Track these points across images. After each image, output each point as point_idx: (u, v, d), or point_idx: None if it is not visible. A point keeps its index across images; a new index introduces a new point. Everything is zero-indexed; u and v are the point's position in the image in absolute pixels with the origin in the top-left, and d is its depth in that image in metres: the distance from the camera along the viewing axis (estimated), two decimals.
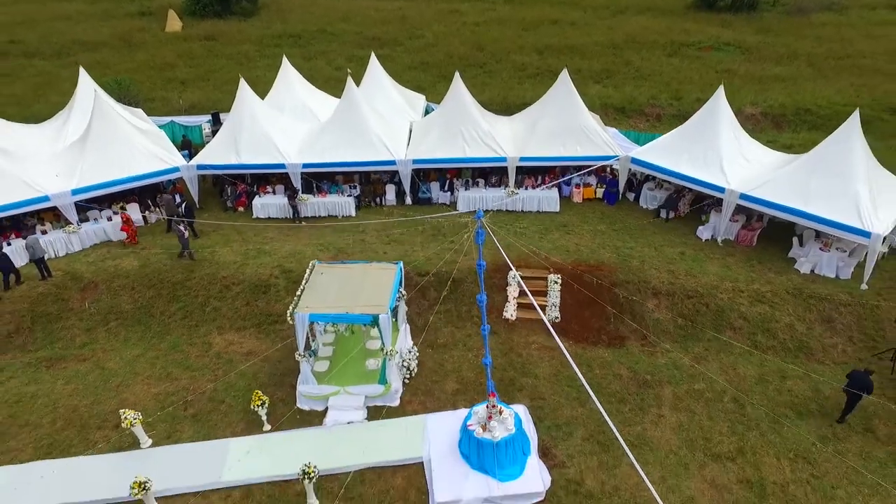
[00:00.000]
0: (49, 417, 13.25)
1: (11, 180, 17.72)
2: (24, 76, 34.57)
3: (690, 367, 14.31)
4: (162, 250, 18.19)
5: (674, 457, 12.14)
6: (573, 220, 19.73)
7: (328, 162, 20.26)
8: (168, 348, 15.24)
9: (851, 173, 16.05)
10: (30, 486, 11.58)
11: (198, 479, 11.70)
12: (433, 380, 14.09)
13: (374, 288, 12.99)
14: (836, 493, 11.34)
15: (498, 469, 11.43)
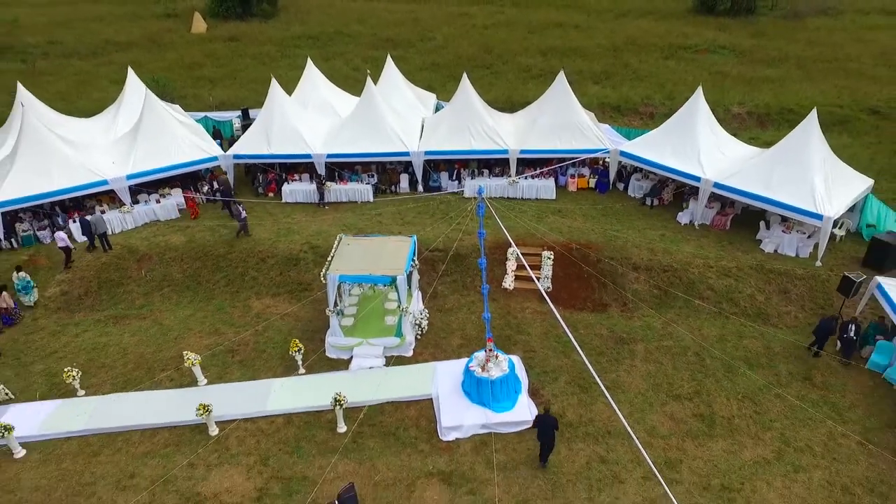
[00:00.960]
0: (121, 361, 15.98)
1: (75, 167, 20.50)
2: (66, 74, 37.48)
3: (662, 328, 16.79)
4: (212, 227, 20.91)
5: (641, 397, 14.63)
6: (567, 206, 22.24)
7: (349, 153, 22.91)
8: (214, 309, 17.93)
9: (808, 165, 18.43)
10: (111, 413, 14.27)
11: (247, 409, 14.33)
12: (441, 336, 16.66)
13: (392, 255, 15.61)
14: (773, 425, 13.78)
15: (493, 402, 13.97)
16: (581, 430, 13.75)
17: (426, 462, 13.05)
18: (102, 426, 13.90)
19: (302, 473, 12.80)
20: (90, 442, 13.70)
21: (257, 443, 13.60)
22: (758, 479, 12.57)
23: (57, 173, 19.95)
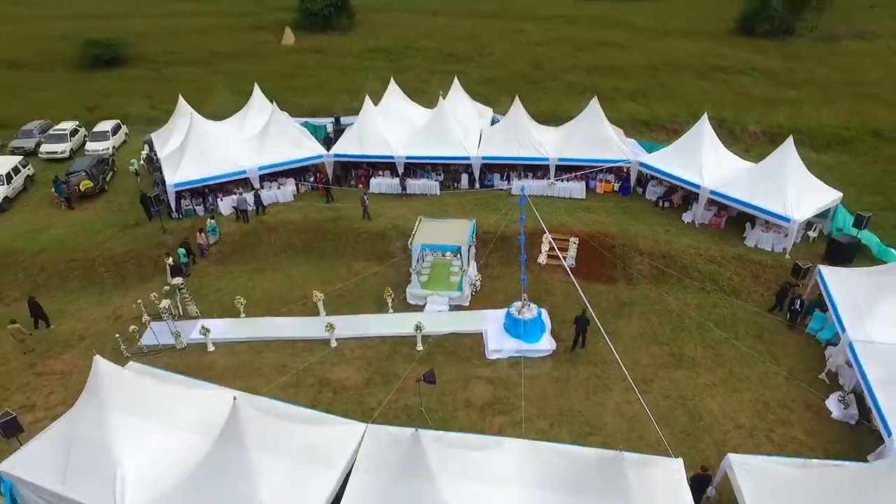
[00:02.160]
0: (265, 297, 23.32)
1: (222, 159, 28.15)
2: (186, 81, 45.91)
3: (655, 297, 22.79)
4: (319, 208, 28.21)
5: (632, 341, 20.74)
6: (593, 205, 28.36)
7: (422, 155, 29.78)
8: (326, 267, 25.09)
9: (783, 179, 23.95)
10: (265, 328, 21.52)
11: (355, 332, 21.30)
12: (489, 293, 23.20)
13: (458, 232, 22.31)
14: (724, 364, 19.66)
15: (525, 336, 20.42)
16: (585, 359, 20.01)
17: (476, 370, 19.65)
18: (261, 336, 21.19)
19: (394, 372, 19.59)
20: (253, 345, 20.98)
21: (363, 353, 20.57)
22: (705, 394, 18.55)
23: (212, 164, 27.63)
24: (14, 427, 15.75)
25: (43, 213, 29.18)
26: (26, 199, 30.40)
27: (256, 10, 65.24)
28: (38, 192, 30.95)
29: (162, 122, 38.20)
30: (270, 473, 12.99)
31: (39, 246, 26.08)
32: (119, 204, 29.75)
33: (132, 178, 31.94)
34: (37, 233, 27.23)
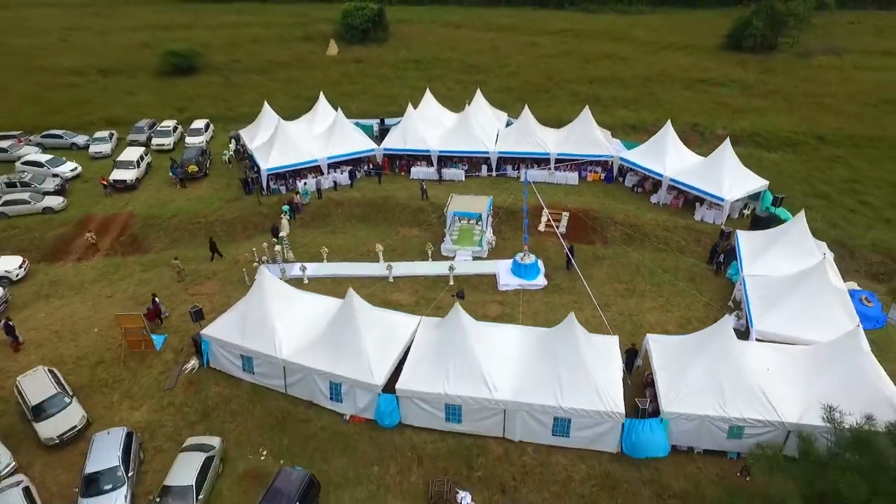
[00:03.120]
0: (339, 249, 33.14)
1: (300, 151, 38.13)
2: (251, 87, 56.28)
3: (622, 254, 32.19)
4: (374, 188, 38.10)
5: (600, 281, 30.17)
6: (583, 189, 37.83)
7: (452, 150, 39.48)
8: (380, 231, 34.84)
9: (721, 169, 33.24)
10: (342, 269, 31.36)
11: (406, 272, 31.02)
12: (501, 250, 32.80)
13: (479, 204, 32.09)
14: (664, 295, 29.01)
15: (525, 275, 30.02)
16: (567, 290, 29.51)
17: (491, 297, 29.26)
18: (340, 273, 31.02)
19: (434, 296, 29.23)
20: (335, 280, 30.77)
21: (412, 285, 30.29)
22: (647, 313, 27.92)
23: (293, 154, 37.64)
24: (200, 315, 25.73)
25: (164, 190, 39.51)
26: (148, 181, 40.77)
27: (301, 21, 75.60)
28: (156, 176, 41.31)
29: (236, 120, 48.80)
30: (369, 332, 22.73)
31: (171, 213, 36.40)
32: (219, 184, 39.97)
33: (225, 165, 42.19)
34: (164, 204, 37.55)
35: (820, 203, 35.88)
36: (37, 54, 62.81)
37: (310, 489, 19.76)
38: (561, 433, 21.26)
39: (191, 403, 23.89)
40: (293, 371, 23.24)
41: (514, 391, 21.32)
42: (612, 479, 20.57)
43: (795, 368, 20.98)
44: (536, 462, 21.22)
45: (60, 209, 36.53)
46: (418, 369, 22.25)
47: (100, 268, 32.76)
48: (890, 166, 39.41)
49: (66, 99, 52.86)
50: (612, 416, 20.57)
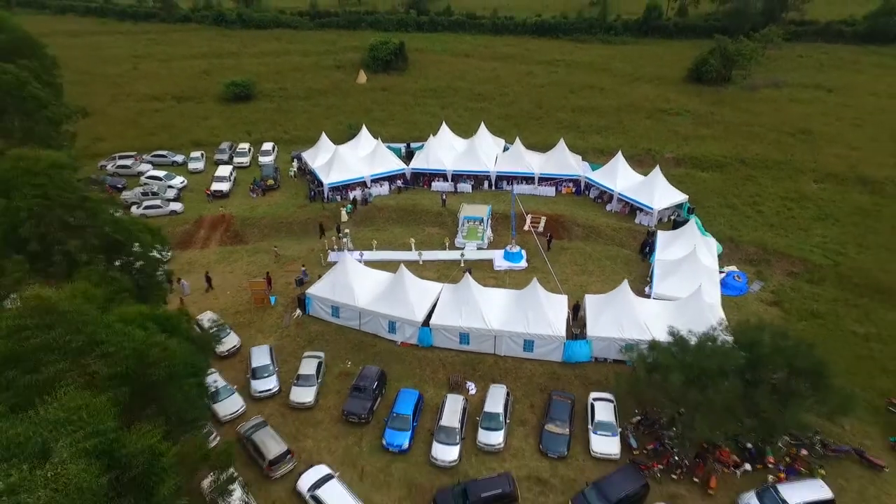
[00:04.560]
0: (382, 242, 48.98)
1: (351, 169, 54.07)
2: (297, 112, 72.30)
3: (582, 246, 48.03)
4: (406, 198, 54.03)
5: (563, 265, 45.99)
6: (558, 200, 53.66)
7: (461, 169, 55.38)
8: (410, 230, 50.64)
9: (653, 186, 49.07)
10: (385, 255, 47.28)
11: (433, 257, 46.90)
12: (496, 243, 48.66)
13: (482, 210, 48.00)
14: (605, 273, 44.77)
15: (513, 260, 45.92)
16: (540, 270, 45.27)
17: (489, 274, 45.18)
18: (385, 258, 46.85)
19: (451, 273, 45.00)
20: (383, 263, 46.56)
21: (435, 266, 46.13)
22: (591, 286, 43.65)
23: (346, 172, 53.59)
24: (302, 283, 41.68)
25: (248, 200, 55.52)
26: (235, 192, 56.77)
27: (331, 49, 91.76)
28: (240, 187, 57.33)
29: (291, 142, 64.92)
30: (413, 291, 38.61)
31: (260, 215, 52.49)
32: (289, 193, 56.01)
33: (291, 179, 58.23)
34: (253, 208, 53.61)
35: (728, 211, 51.57)
36: (119, 81, 79.13)
37: (382, 378, 35.70)
38: (528, 350, 37.11)
39: (300, 335, 39.90)
40: (365, 314, 39.20)
41: (500, 325, 37.18)
42: (557, 375, 36.41)
43: (667, 312, 36.69)
44: (513, 367, 37.09)
45: (182, 212, 52.59)
46: (443, 312, 38.17)
47: (218, 253, 48.85)
48: (787, 184, 55.00)
49: (155, 123, 69.06)
50: (557, 338, 36.39)
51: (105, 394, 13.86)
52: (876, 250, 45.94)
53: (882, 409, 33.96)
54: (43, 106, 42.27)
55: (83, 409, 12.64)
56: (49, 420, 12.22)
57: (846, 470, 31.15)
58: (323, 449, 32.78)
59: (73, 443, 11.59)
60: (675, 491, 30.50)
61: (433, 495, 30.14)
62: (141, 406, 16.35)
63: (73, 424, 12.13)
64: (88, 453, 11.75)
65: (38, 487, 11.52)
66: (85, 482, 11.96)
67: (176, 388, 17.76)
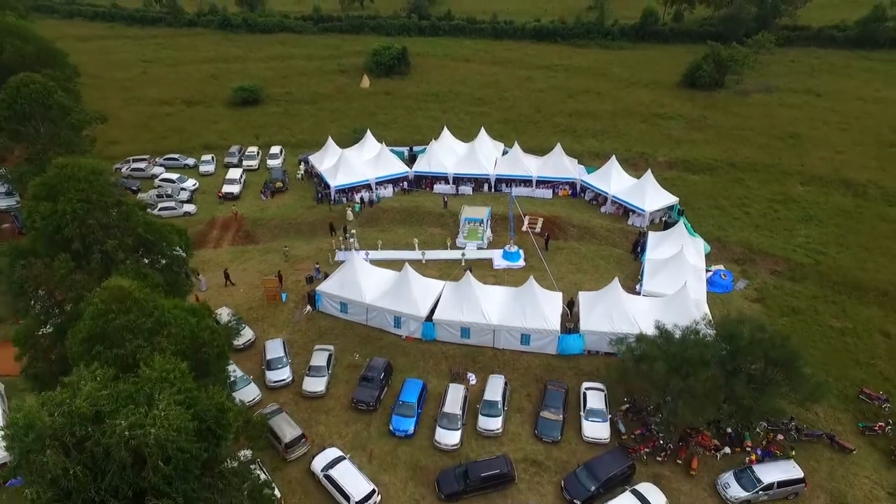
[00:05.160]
0: (387, 242, 51.82)
1: (357, 172, 56.88)
2: (304, 116, 75.08)
3: (577, 246, 50.83)
4: (409, 200, 56.85)
5: (559, 263, 48.78)
6: (555, 202, 56.46)
7: (462, 173, 58.19)
8: (413, 230, 53.41)
9: (644, 189, 51.87)
10: (390, 254, 50.06)
11: (436, 256, 49.69)
12: (496, 243, 51.42)
13: (482, 212, 50.81)
14: (599, 271, 47.55)
15: (511, 259, 48.73)
16: (537, 269, 48.08)
17: (488, 272, 47.93)
18: (390, 257, 49.65)
19: (452, 271, 47.77)
20: (387, 262, 49.34)
21: (437, 265, 48.90)
22: (586, 283, 46.42)
23: (352, 175, 56.39)
24: (312, 280, 44.50)
25: (257, 201, 58.30)
26: (245, 194, 59.54)
27: (335, 54, 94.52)
28: (250, 189, 60.09)
29: (298, 145, 67.68)
30: (417, 288, 41.41)
31: (270, 216, 55.30)
32: (297, 196, 58.80)
33: (299, 182, 61.02)
34: (263, 210, 56.43)
35: (717, 212, 54.36)
36: (129, 86, 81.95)
37: (388, 369, 38.50)
38: (525, 343, 39.90)
39: (311, 330, 42.71)
40: (372, 310, 41.99)
41: (498, 319, 39.96)
42: (552, 366, 39.22)
43: (655, 308, 39.45)
44: (511, 359, 39.90)
45: (195, 213, 55.40)
46: (445, 308, 40.96)
47: (230, 252, 51.66)
48: (774, 187, 57.77)
49: (166, 126, 71.88)
50: (552, 332, 39.18)
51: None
52: (855, 250, 48.73)
53: (853, 398, 36.74)
54: (67, 113, 45.09)
55: (173, 371, 16.11)
56: (150, 378, 15.89)
57: (818, 452, 33.95)
58: (334, 434, 35.60)
59: (169, 396, 15.25)
60: (659, 472, 33.30)
61: (436, 476, 32.92)
62: (198, 378, 19.43)
63: (166, 382, 15.74)
64: (180, 404, 15.22)
65: (151, 425, 15.25)
66: (182, 424, 16.13)
67: (224, 364, 20.86)
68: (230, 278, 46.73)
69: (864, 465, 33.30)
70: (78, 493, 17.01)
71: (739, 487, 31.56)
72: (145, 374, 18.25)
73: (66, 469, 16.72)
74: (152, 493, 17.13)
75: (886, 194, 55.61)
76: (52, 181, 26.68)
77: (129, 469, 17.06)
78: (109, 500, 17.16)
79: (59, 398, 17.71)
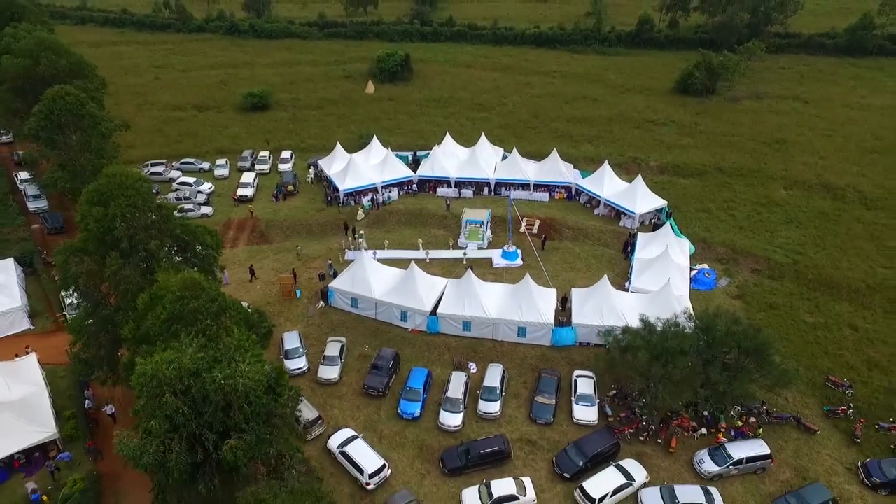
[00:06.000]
0: (393, 242, 55.85)
1: (364, 176, 60.93)
2: (311, 121, 79.10)
3: (571, 246, 54.87)
4: (413, 202, 60.91)
5: (554, 262, 52.81)
6: (551, 205, 60.50)
7: (464, 176, 62.25)
8: (418, 231, 57.46)
9: (635, 192, 55.97)
10: (396, 254, 54.10)
11: (438, 255, 53.75)
12: (495, 244, 55.45)
13: (482, 214, 54.87)
14: (592, 269, 51.57)
15: (510, 258, 52.73)
16: (533, 267, 52.09)
17: (488, 271, 51.95)
18: (396, 256, 53.64)
19: (454, 270, 51.78)
20: (394, 261, 53.33)
21: (440, 264, 52.88)
22: (578, 280, 50.44)
23: (360, 179, 60.44)
24: (324, 277, 48.55)
25: (270, 203, 62.34)
26: (259, 197, 63.57)
27: (340, 59, 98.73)
28: (262, 192, 64.13)
29: (307, 150, 71.75)
30: (422, 284, 45.45)
31: (282, 217, 59.37)
32: (308, 198, 62.84)
33: (309, 185, 65.07)
34: (275, 211, 60.48)
35: (704, 215, 58.38)
36: (142, 91, 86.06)
37: (396, 358, 42.55)
38: (521, 335, 43.94)
39: (324, 323, 46.76)
40: (380, 305, 46.03)
41: (497, 314, 44.00)
42: (546, 356, 43.26)
43: (641, 303, 43.47)
44: (508, 349, 43.95)
45: (212, 215, 59.45)
46: (448, 303, 45.00)
47: (246, 252, 55.70)
48: (759, 190, 61.80)
49: (180, 131, 75.94)
50: (546, 325, 43.21)
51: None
52: (831, 250, 52.76)
53: (821, 385, 40.76)
54: (98, 122, 49.09)
55: (247, 341, 20.63)
56: (231, 345, 20.54)
57: (786, 433, 37.97)
58: (347, 416, 39.64)
59: (246, 358, 19.87)
60: (641, 450, 37.33)
61: (440, 453, 36.94)
62: None
63: (243, 348, 20.35)
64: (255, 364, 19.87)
65: (240, 377, 21.80)
66: (259, 378, 22.65)
67: (268, 342, 25.47)
68: (255, 273, 50.81)
69: (826, 444, 37.32)
70: (184, 427, 23.06)
71: (713, 463, 35.57)
72: (227, 343, 23.76)
73: (177, 408, 22.60)
74: (235, 430, 23.18)
75: (864, 198, 59.68)
76: (103, 188, 30.68)
77: (219, 411, 23.06)
78: (206, 432, 23.22)
79: (171, 357, 23.31)
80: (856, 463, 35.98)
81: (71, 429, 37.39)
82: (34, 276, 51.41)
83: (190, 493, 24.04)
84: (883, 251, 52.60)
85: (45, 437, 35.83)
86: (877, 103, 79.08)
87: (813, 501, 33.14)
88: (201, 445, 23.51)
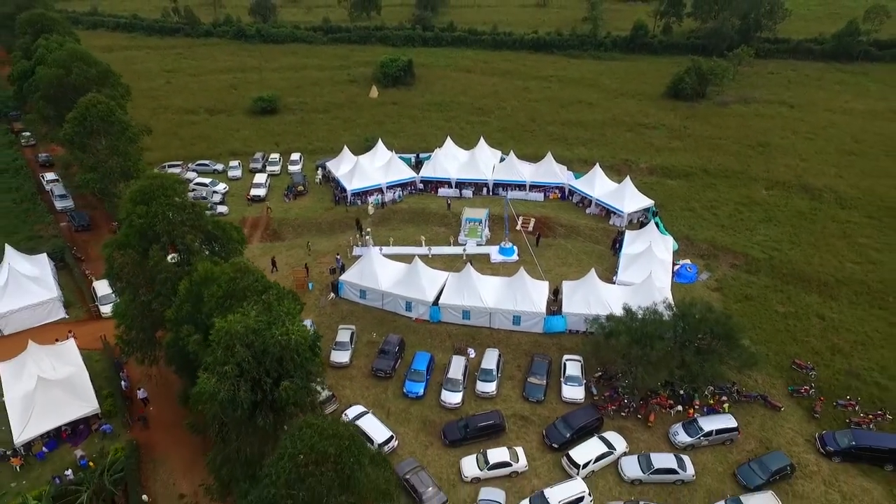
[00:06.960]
0: (398, 239, 60.65)
1: (370, 178, 65.71)
2: (318, 124, 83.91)
3: (563, 244, 59.63)
4: (416, 202, 65.75)
5: (548, 259, 57.55)
6: (546, 205, 65.29)
7: (464, 178, 67.04)
8: (421, 229, 62.26)
9: (623, 192, 60.75)
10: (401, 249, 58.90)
11: (440, 251, 58.55)
12: (492, 241, 60.22)
13: (481, 212, 59.68)
14: (582, 264, 56.32)
15: (506, 254, 57.51)
16: (528, 262, 56.84)
17: (486, 266, 56.71)
18: (401, 251, 58.42)
19: (455, 265, 56.51)
20: (399, 256, 58.13)
21: (442, 260, 57.65)
22: (570, 274, 55.19)
23: (366, 180, 65.25)
24: (334, 271, 53.37)
25: (281, 203, 67.14)
26: (270, 197, 68.37)
27: (345, 64, 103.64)
28: (274, 193, 68.92)
29: (315, 152, 76.59)
30: (424, 277, 50.25)
31: (293, 216, 64.19)
32: (316, 198, 67.65)
33: (317, 186, 69.88)
34: (287, 211, 65.30)
35: (688, 214, 63.14)
36: (155, 95, 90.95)
37: (402, 344, 47.37)
38: (516, 323, 48.73)
39: (335, 313, 51.57)
40: (387, 296, 50.84)
41: (494, 304, 48.78)
42: (538, 343, 48.04)
43: (625, 294, 48.23)
44: (504, 336, 48.74)
45: (227, 214, 64.25)
46: (449, 294, 49.81)
47: (261, 248, 60.49)
48: (742, 191, 66.55)
49: (193, 134, 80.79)
50: (538, 314, 47.98)
51: None
52: (805, 247, 57.51)
53: (787, 367, 45.48)
54: (125, 128, 53.88)
55: (292, 308, 25.72)
56: (281, 312, 25.66)
57: (753, 410, 42.70)
58: (358, 395, 44.43)
59: (295, 322, 25.06)
60: (623, 424, 42.09)
61: (442, 427, 41.70)
62: None
63: (290, 314, 25.50)
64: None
65: (292, 333, 28.20)
66: (305, 335, 29.12)
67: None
68: (276, 265, 55.60)
69: (789, 419, 42.04)
70: (248, 373, 28.89)
71: (686, 434, 40.34)
72: (277, 309, 29.50)
73: (245, 357, 28.42)
74: (286, 376, 29.52)
75: (839, 198, 64.43)
76: (146, 188, 35.50)
77: (275, 361, 29.14)
78: (264, 377, 29.24)
79: (239, 318, 29.20)
80: (814, 435, 40.70)
81: (109, 405, 42.19)
82: (65, 270, 56.20)
83: (247, 428, 29.98)
84: (853, 248, 57.35)
85: (88, 412, 40.65)
86: (860, 108, 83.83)
87: (773, 467, 37.84)
88: (260, 388, 29.32)
